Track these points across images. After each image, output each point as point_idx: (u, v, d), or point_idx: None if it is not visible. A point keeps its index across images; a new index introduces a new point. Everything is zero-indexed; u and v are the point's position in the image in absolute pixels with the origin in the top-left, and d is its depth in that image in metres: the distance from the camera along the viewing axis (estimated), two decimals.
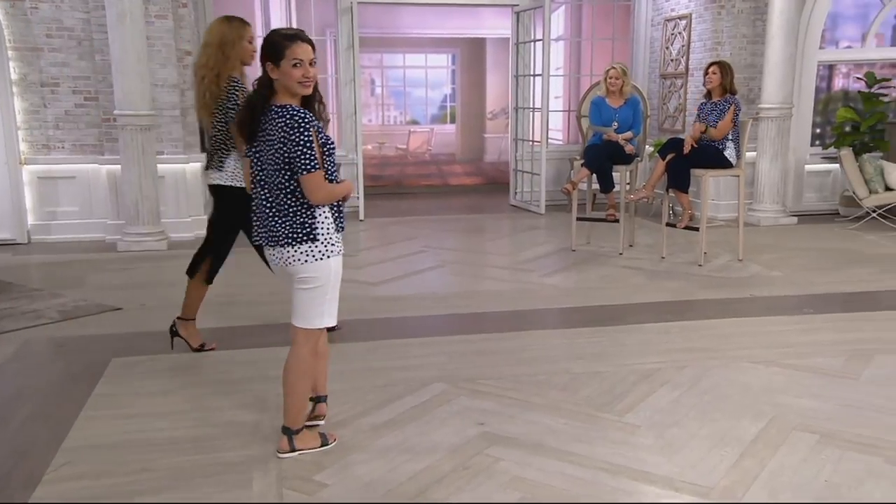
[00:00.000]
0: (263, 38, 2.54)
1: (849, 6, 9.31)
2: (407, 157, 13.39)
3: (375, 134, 13.92)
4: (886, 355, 3.55)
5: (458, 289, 5.02)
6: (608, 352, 3.70)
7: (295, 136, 2.40)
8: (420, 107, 14.24)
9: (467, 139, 13.41)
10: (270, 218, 2.53)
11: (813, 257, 5.88)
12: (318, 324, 2.60)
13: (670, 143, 5.70)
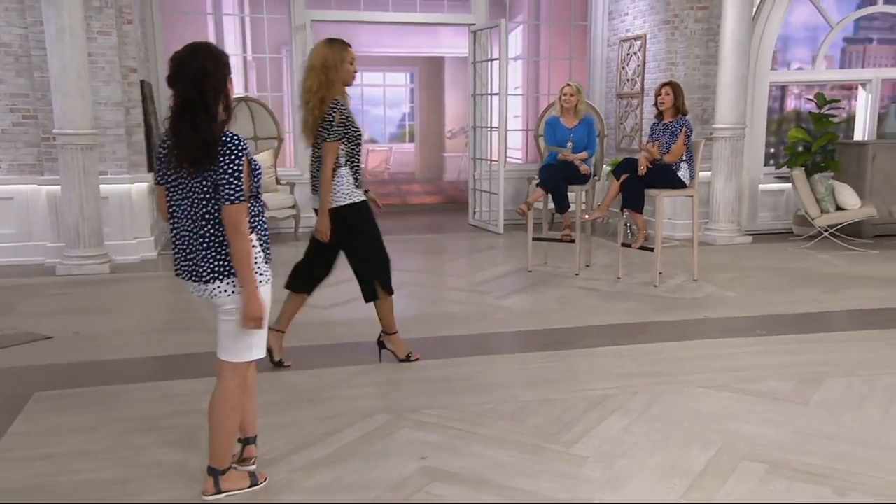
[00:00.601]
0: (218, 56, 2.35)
1: (799, 29, 9.52)
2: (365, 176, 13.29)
3: None
4: (835, 378, 3.53)
5: (411, 312, 4.90)
6: (560, 377, 3.62)
7: (226, 163, 2.26)
8: (378, 125, 14.14)
9: (426, 158, 13.37)
10: (195, 251, 2.37)
11: (767, 277, 5.90)
12: (246, 357, 2.47)
13: (624, 163, 5.69)
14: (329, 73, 3.45)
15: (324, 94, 3.45)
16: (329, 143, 3.44)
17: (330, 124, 3.43)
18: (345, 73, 3.51)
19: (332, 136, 3.45)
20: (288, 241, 7.83)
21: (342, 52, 3.51)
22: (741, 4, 7.19)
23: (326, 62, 3.46)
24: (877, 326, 4.44)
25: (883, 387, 3.42)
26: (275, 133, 8.06)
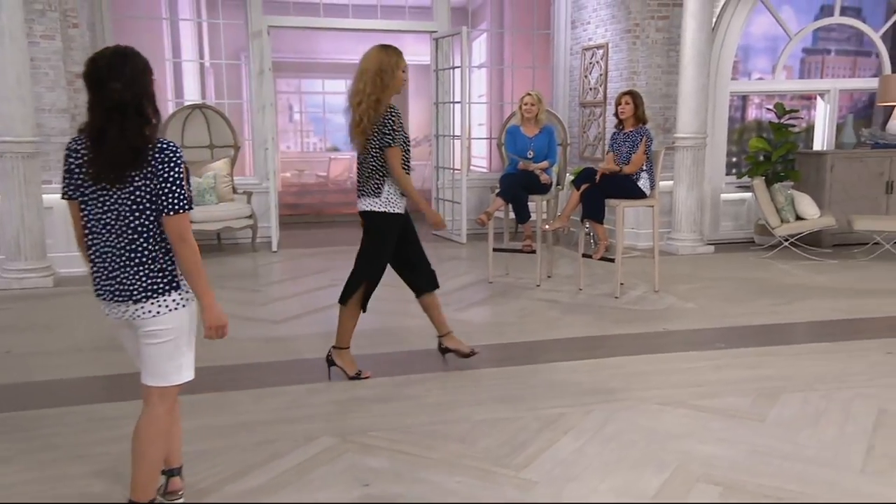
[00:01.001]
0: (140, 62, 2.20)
1: (759, 39, 9.62)
2: (328, 185, 13.09)
3: (294, 161, 13.57)
4: (792, 393, 3.48)
5: (364, 326, 4.72)
6: (514, 395, 3.51)
7: (166, 170, 2.13)
8: (341, 133, 13.93)
9: None
10: (121, 268, 2.19)
11: (727, 287, 5.89)
12: (175, 380, 2.32)
13: (584, 172, 5.64)
14: (384, 77, 3.51)
15: (379, 97, 3.52)
16: (393, 148, 3.53)
17: (392, 129, 3.52)
18: (397, 80, 3.56)
19: (395, 141, 3.53)
20: (245, 251, 7.65)
21: (397, 59, 3.58)
22: (701, 14, 7.21)
23: (382, 66, 3.52)
24: (834, 338, 4.42)
25: (840, 402, 3.38)
26: (231, 141, 7.87)
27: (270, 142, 7.59)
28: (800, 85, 9.04)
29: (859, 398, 3.41)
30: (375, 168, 3.57)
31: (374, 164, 3.57)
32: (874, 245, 7.12)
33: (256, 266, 6.97)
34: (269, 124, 7.61)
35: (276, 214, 7.72)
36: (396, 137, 3.53)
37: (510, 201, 5.93)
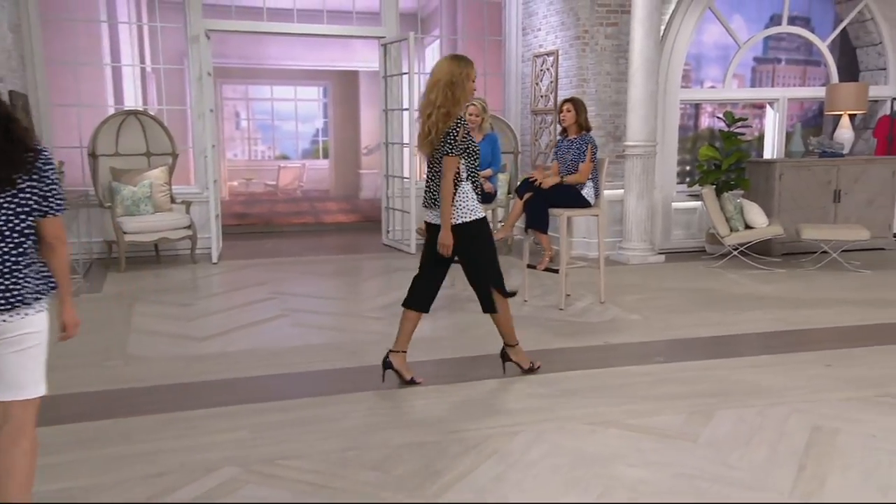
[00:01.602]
0: None
1: (711, 48, 9.66)
2: (277, 194, 12.83)
3: (242, 169, 13.27)
4: (726, 410, 3.37)
5: (292, 342, 4.56)
6: (440, 416, 3.34)
7: (49, 172, 2.15)
8: (290, 141, 13.69)
9: (342, 175, 13.01)
10: (9, 273, 2.09)
11: (674, 298, 5.80)
12: (41, 390, 2.20)
13: (527, 181, 5.51)
14: (455, 90, 3.54)
15: (449, 109, 3.54)
16: (451, 157, 3.55)
17: (454, 139, 3.54)
18: (468, 91, 3.60)
19: (454, 150, 3.55)
20: (184, 263, 7.37)
21: (467, 69, 3.60)
22: (648, 22, 7.17)
23: (453, 78, 3.54)
24: (775, 351, 4.34)
25: (775, 419, 3.27)
26: (169, 148, 7.60)
27: (210, 149, 7.33)
28: (749, 93, 9.08)
29: (795, 414, 3.31)
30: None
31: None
32: (822, 254, 7.13)
33: (193, 279, 6.71)
34: (209, 131, 7.35)
35: (216, 224, 7.46)
36: (456, 147, 3.55)
37: None
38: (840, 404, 3.43)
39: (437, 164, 3.63)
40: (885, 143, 8.19)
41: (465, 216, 3.63)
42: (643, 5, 7.16)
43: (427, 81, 3.66)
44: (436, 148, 3.60)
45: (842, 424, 3.19)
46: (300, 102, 13.38)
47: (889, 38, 8.64)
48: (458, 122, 3.56)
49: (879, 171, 7.83)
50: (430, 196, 3.69)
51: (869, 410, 3.36)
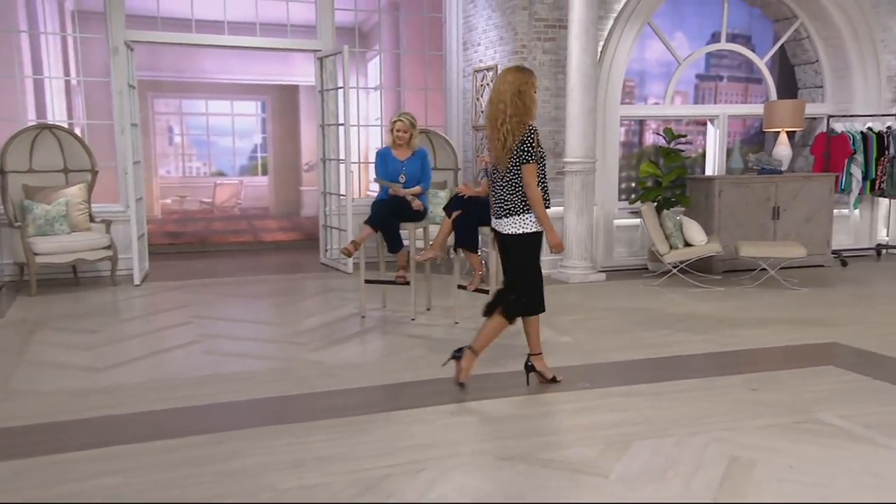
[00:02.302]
0: None
1: (655, 65, 9.70)
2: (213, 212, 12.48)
3: (176, 186, 12.89)
4: (645, 440, 3.23)
5: (200, 372, 4.29)
6: (339, 453, 3.12)
7: None
8: (227, 157, 13.33)
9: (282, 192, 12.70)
10: None
11: (609, 319, 5.69)
12: None
13: (456, 199, 5.35)
14: (524, 97, 3.72)
15: (521, 118, 3.72)
16: (530, 165, 3.73)
17: (531, 146, 3.72)
18: (534, 98, 3.78)
19: (532, 158, 3.73)
20: (103, 285, 7.03)
21: (531, 78, 3.78)
22: (585, 37, 7.13)
23: (520, 88, 3.72)
24: (702, 374, 4.24)
25: (693, 449, 3.14)
26: (88, 165, 7.27)
27: (131, 165, 7.02)
28: (688, 110, 9.12)
29: (714, 444, 3.19)
30: (517, 186, 3.77)
31: (516, 182, 3.77)
32: (762, 271, 7.12)
33: (109, 302, 6.38)
34: (130, 147, 7.04)
35: (138, 245, 7.13)
36: (534, 154, 3.74)
37: (379, 229, 5.60)
38: (760, 432, 3.32)
39: (509, 173, 3.78)
40: (822, 160, 8.28)
41: (530, 226, 3.82)
42: (580, 21, 7.12)
43: (491, 94, 3.84)
44: (511, 160, 3.75)
45: (759, 455, 3.07)
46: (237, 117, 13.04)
47: (825, 56, 8.78)
48: (532, 130, 3.75)
49: (817, 188, 7.89)
50: (502, 206, 3.84)
51: (788, 438, 3.25)
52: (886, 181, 8.15)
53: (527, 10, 7.60)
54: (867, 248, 8.74)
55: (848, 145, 8.06)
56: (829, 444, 3.18)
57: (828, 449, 3.12)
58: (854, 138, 8.10)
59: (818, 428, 3.35)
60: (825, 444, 3.17)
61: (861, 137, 8.14)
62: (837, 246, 8.45)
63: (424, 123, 8.95)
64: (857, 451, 3.10)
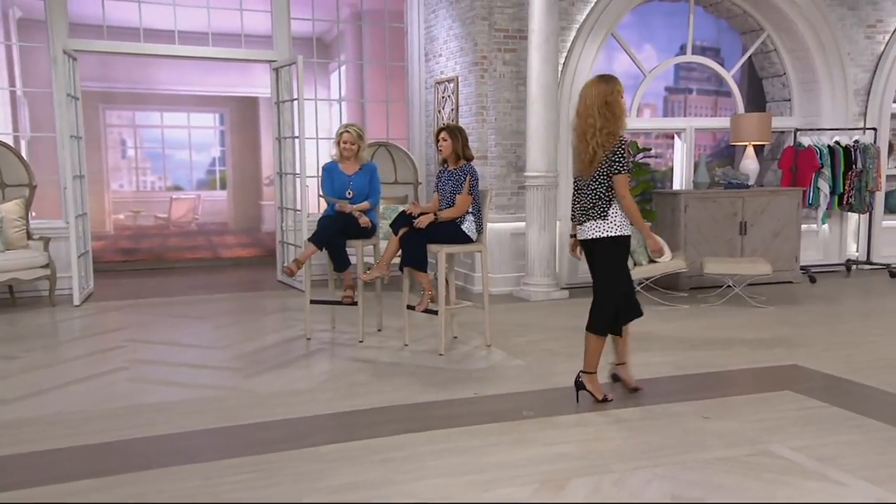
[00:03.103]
0: None
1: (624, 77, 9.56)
2: (169, 227, 12.18)
3: (129, 201, 12.57)
4: (584, 478, 3.02)
5: (118, 403, 4.03)
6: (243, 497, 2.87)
7: None
8: (183, 171, 13.02)
9: (241, 207, 12.42)
10: None
11: (567, 339, 5.49)
12: None
13: (403, 216, 5.15)
14: (613, 108, 3.74)
15: (611, 129, 3.74)
16: (622, 175, 3.77)
17: (622, 157, 3.77)
18: (622, 106, 3.78)
19: (625, 168, 3.79)
20: (42, 306, 6.75)
21: (616, 86, 3.79)
22: (546, 47, 6.98)
23: (606, 98, 3.74)
24: (655, 400, 4.05)
25: (632, 487, 2.94)
26: (26, 179, 6.99)
27: (70, 180, 6.76)
28: (654, 123, 9.01)
29: (655, 481, 2.99)
30: (601, 195, 3.81)
31: (601, 190, 3.80)
32: (727, 288, 6.98)
33: (42, 325, 6.09)
34: (69, 160, 6.78)
35: (77, 263, 6.85)
36: (625, 165, 3.78)
37: (324, 247, 5.39)
38: (706, 467, 3.13)
39: (594, 182, 3.81)
40: (789, 174, 8.19)
41: (615, 230, 3.84)
42: (540, 31, 6.98)
43: (578, 107, 3.87)
44: (598, 169, 3.77)
45: (702, 493, 2.88)
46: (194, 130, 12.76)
47: (792, 69, 8.72)
48: (622, 142, 3.78)
49: (785, 203, 7.79)
50: (585, 212, 3.88)
51: (736, 473, 3.06)
52: (854, 195, 8.07)
53: (486, 20, 7.45)
54: (837, 263, 8.65)
55: (815, 159, 7.98)
56: (776, 480, 2.99)
57: (774, 486, 2.94)
58: (821, 152, 8.02)
59: (768, 462, 3.17)
60: (773, 481, 2.98)
61: (828, 151, 8.06)
62: (807, 261, 8.35)
63: (386, 136, 8.78)
64: (805, 489, 2.91)
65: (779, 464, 3.14)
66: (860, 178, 8.03)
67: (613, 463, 3.19)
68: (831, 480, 2.98)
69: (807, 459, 3.18)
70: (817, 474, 3.04)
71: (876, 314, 6.41)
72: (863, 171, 8.02)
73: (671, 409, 3.90)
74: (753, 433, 3.50)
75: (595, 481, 3.00)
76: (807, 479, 3.00)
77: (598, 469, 3.12)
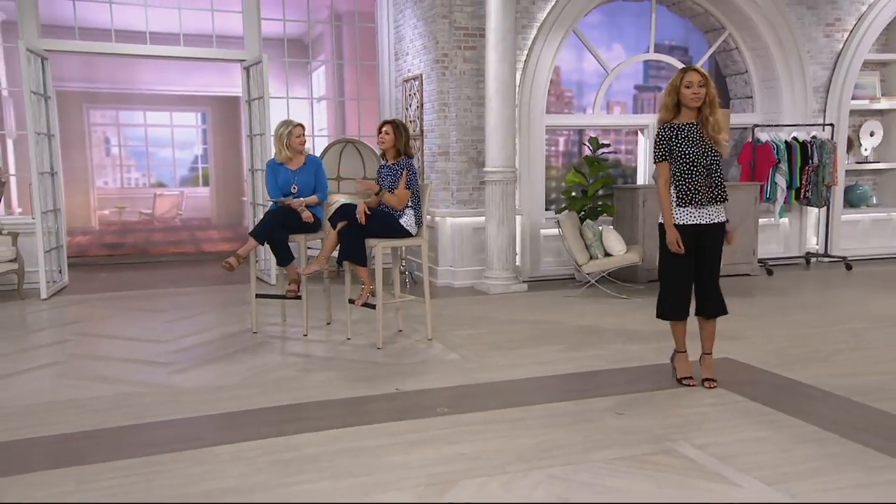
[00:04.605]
0: None
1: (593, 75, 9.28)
2: (153, 223, 11.95)
3: (114, 198, 12.35)
4: (474, 479, 2.76)
5: (29, 400, 3.78)
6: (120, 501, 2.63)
7: None
8: (167, 168, 12.78)
9: (224, 203, 12.20)
10: None
11: (509, 333, 5.23)
12: None
13: (341, 209, 4.88)
14: (665, 97, 3.77)
15: (661, 116, 3.80)
16: (659, 164, 3.80)
17: (657, 144, 3.79)
18: (684, 97, 3.69)
19: (657, 156, 3.80)
20: (9, 299, 6.53)
21: (681, 76, 3.71)
22: (502, 45, 6.70)
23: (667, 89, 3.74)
24: (574, 395, 3.77)
25: (519, 491, 2.67)
26: None
27: (36, 176, 6.53)
28: (616, 119, 8.71)
29: (546, 483, 2.72)
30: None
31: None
32: None
33: (25, 315, 5.88)
34: (35, 157, 6.55)
35: (45, 258, 6.63)
36: (658, 153, 3.78)
37: (265, 241, 5.14)
38: (604, 467, 2.85)
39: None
40: (748, 168, 7.87)
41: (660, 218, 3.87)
42: (496, 29, 6.69)
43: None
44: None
45: (591, 495, 2.61)
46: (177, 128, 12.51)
47: (753, 66, 8.39)
48: (662, 127, 3.76)
49: (742, 197, 7.47)
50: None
51: (631, 474, 2.79)
52: (811, 189, 7.74)
53: (447, 18, 7.17)
54: (797, 256, 8.34)
55: (772, 154, 7.66)
56: (669, 481, 2.71)
57: (665, 488, 2.66)
58: (778, 147, 7.69)
59: (667, 461, 2.89)
60: (665, 482, 2.71)
61: (785, 147, 7.73)
62: (767, 254, 8.06)
63: (359, 133, 8.54)
64: (695, 490, 2.63)
65: (677, 463, 2.87)
66: (817, 172, 7.70)
67: (510, 464, 2.91)
68: (725, 480, 2.70)
69: (707, 458, 2.90)
70: (713, 474, 2.76)
71: (824, 306, 6.10)
72: (819, 166, 7.69)
73: (589, 404, 3.62)
74: (662, 430, 3.22)
75: (483, 483, 2.73)
76: (701, 479, 2.72)
77: (492, 470, 2.85)
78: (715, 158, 3.76)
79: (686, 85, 3.67)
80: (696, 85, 3.66)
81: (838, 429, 3.19)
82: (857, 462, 2.85)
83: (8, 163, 8.64)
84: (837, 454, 2.93)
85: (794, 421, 3.30)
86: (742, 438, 3.11)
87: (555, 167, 9.91)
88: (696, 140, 3.73)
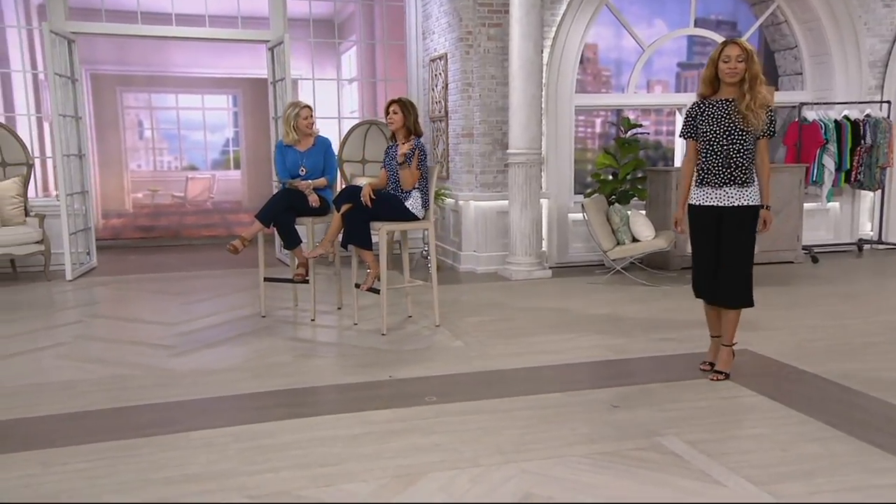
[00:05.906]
0: None
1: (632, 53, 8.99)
2: (186, 206, 12.18)
3: (146, 181, 12.62)
4: (442, 472, 2.67)
5: (26, 380, 3.86)
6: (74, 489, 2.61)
7: None
8: (199, 151, 12.98)
9: (255, 186, 12.34)
10: None
11: (519, 320, 5.11)
12: None
13: (346, 192, 4.84)
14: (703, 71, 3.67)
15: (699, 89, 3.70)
16: (687, 140, 3.75)
17: (684, 120, 3.75)
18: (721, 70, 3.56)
19: (682, 133, 3.76)
20: (37, 279, 6.76)
21: (719, 50, 3.58)
22: (526, 20, 6.52)
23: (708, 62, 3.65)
24: (573, 387, 3.64)
25: (488, 485, 2.57)
26: (23, 158, 6.99)
27: (60, 158, 6.70)
28: (650, 99, 8.40)
29: (518, 477, 2.62)
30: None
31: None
32: None
33: (21, 299, 6.05)
34: (60, 140, 6.72)
35: (70, 240, 6.82)
36: (683, 130, 3.74)
37: (270, 224, 5.14)
38: (584, 462, 2.73)
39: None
40: (794, 150, 7.48)
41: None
42: (520, 4, 6.51)
43: None
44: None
45: (558, 493, 2.49)
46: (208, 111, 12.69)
47: (803, 41, 7.95)
48: (693, 104, 3.69)
49: (786, 180, 7.11)
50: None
51: (612, 470, 2.66)
52: (864, 172, 7.31)
53: None
54: (849, 243, 7.91)
55: (819, 134, 7.25)
56: (650, 479, 2.57)
57: (645, 486, 2.52)
58: (826, 127, 7.28)
59: (653, 457, 2.75)
60: (646, 480, 2.57)
61: (835, 126, 7.31)
62: (816, 241, 7.67)
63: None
64: (676, 489, 2.49)
65: (663, 459, 2.72)
66: (870, 153, 7.26)
67: (486, 456, 2.82)
68: (710, 479, 2.54)
69: (695, 455, 2.74)
70: (698, 473, 2.60)
71: (866, 296, 5.76)
72: (873, 147, 7.24)
73: (584, 396, 3.49)
74: (655, 424, 3.07)
75: (451, 477, 2.65)
76: (684, 477, 2.57)
77: (465, 463, 2.76)
78: (740, 138, 3.54)
79: (724, 59, 3.51)
80: (735, 60, 3.49)
81: (847, 426, 2.98)
82: (858, 463, 2.65)
83: (44, 145, 8.91)
84: (840, 454, 2.74)
85: (802, 417, 3.10)
86: (738, 435, 2.94)
87: (591, 149, 9.65)
88: (720, 118, 3.55)
